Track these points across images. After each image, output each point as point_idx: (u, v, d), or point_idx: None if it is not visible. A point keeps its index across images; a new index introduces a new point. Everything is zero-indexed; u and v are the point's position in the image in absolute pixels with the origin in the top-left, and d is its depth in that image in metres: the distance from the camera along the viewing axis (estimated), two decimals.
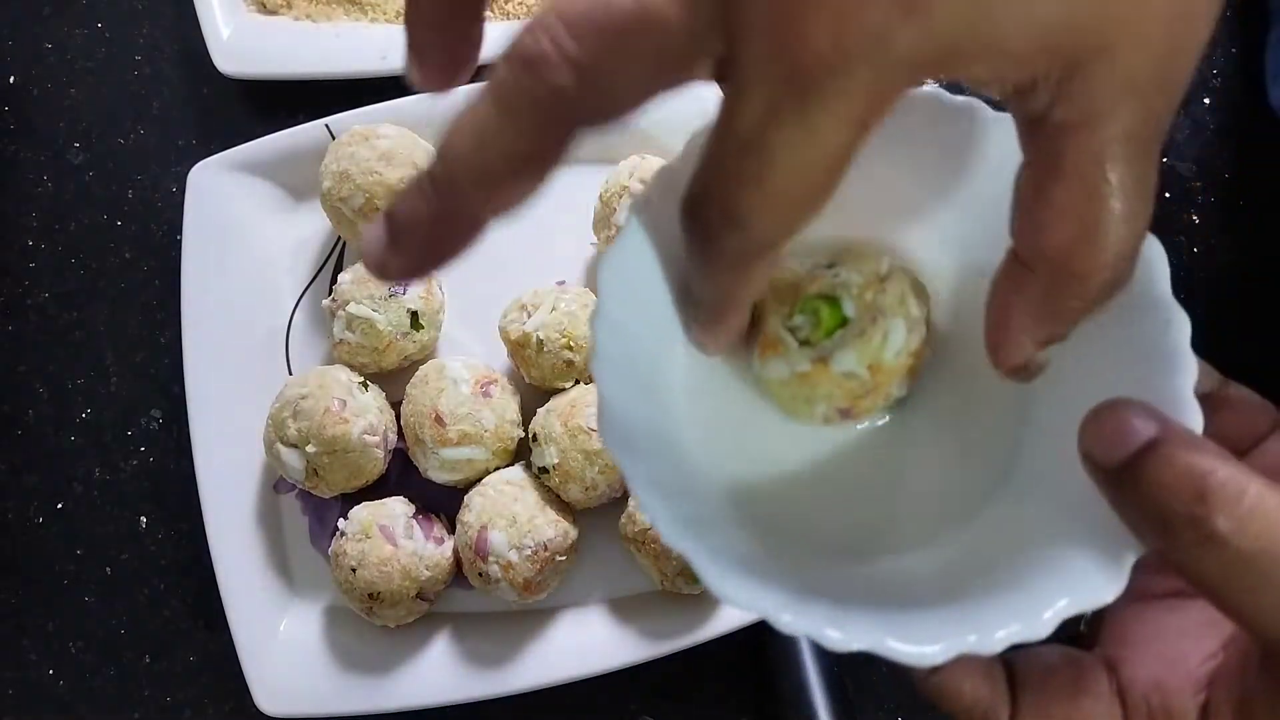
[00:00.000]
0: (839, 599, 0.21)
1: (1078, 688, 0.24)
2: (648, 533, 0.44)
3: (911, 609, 0.22)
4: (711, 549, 0.21)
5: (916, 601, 0.22)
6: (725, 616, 0.46)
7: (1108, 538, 0.21)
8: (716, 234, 0.18)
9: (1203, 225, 0.53)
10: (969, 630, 0.20)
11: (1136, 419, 0.19)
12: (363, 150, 0.48)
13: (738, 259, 0.19)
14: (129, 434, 0.53)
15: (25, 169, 0.57)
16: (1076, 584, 0.21)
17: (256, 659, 0.47)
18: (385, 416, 0.48)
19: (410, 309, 0.48)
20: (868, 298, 0.24)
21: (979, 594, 0.22)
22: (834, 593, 0.22)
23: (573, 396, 0.46)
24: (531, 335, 0.46)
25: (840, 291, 0.25)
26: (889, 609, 0.22)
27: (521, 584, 0.44)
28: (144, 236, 0.55)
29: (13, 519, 0.52)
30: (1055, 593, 0.21)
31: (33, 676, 0.51)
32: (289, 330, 0.52)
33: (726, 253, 0.19)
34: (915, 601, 0.22)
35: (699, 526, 0.22)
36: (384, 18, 0.55)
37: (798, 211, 0.18)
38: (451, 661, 0.47)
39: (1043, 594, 0.21)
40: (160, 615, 0.51)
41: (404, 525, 0.46)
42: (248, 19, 0.55)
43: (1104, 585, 0.20)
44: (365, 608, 0.45)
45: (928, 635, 0.21)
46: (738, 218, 0.18)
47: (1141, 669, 0.24)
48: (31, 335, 0.55)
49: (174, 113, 0.57)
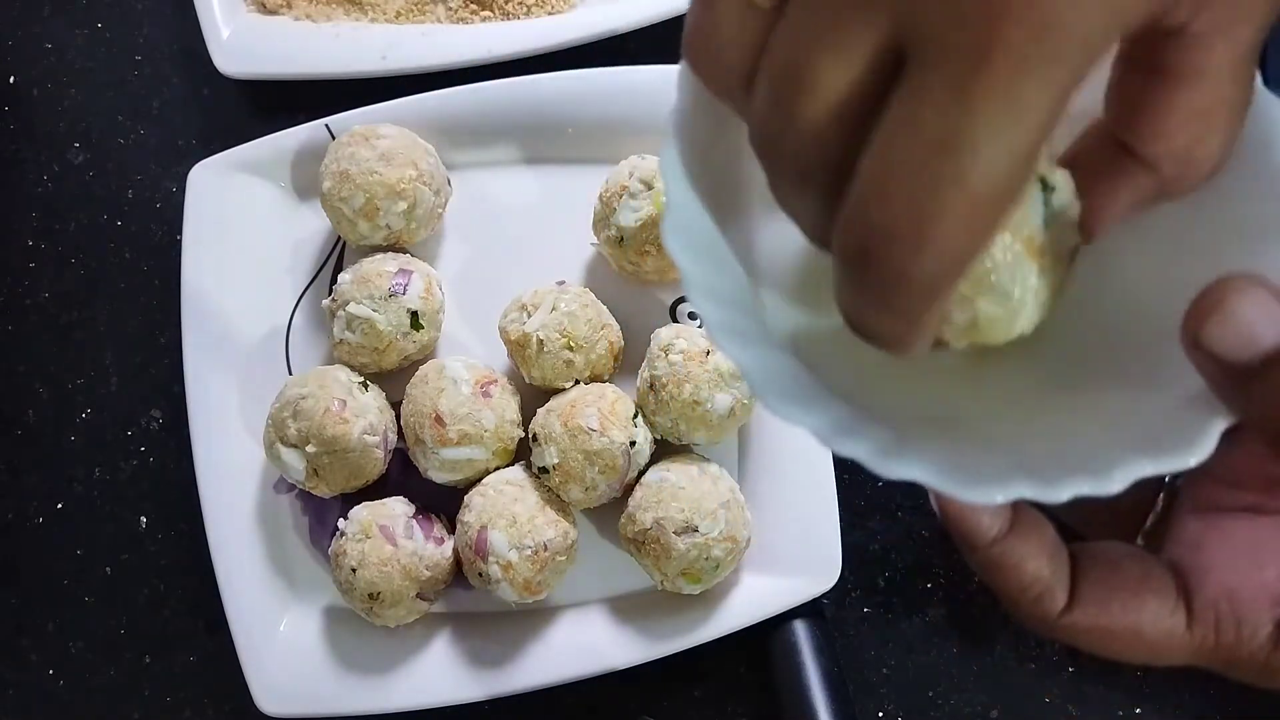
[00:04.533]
0: (898, 430, 0.20)
1: (1142, 585, 0.23)
2: (648, 533, 0.44)
3: (973, 453, 0.21)
4: (763, 363, 0.19)
5: (980, 449, 0.21)
6: (725, 616, 0.46)
7: (1195, 405, 0.20)
8: (903, 264, 0.15)
9: None
10: (1033, 477, 0.19)
11: (1263, 316, 0.19)
12: (363, 150, 0.48)
13: (932, 286, 0.16)
14: (129, 434, 0.53)
15: (25, 169, 0.57)
16: (1157, 446, 0.19)
17: (256, 659, 0.47)
18: (385, 416, 0.48)
19: (410, 309, 0.48)
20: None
21: (1049, 451, 0.20)
22: (893, 422, 0.20)
23: (573, 396, 0.46)
24: (531, 335, 0.46)
25: None
26: (948, 449, 0.20)
27: (521, 584, 0.44)
28: (144, 236, 0.55)
29: (13, 519, 0.52)
30: (1132, 452, 0.19)
31: (33, 676, 0.51)
32: (289, 330, 0.52)
33: (917, 281, 0.16)
34: (979, 449, 0.21)
35: (750, 341, 0.20)
36: (384, 17, 0.55)
37: (999, 214, 0.15)
38: (451, 661, 0.47)
39: (1118, 452, 0.19)
40: (160, 615, 0.51)
41: (404, 525, 0.46)
42: (247, 19, 0.55)
43: (1187, 450, 0.19)
44: (365, 608, 0.45)
45: (987, 476, 0.19)
46: (932, 237, 0.15)
47: (1213, 576, 0.24)
48: (31, 335, 0.55)
49: (174, 113, 0.57)
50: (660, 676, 0.47)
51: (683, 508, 0.44)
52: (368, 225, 0.49)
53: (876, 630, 0.49)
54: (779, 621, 0.46)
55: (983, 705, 0.49)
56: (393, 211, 0.48)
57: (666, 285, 0.52)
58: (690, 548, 0.44)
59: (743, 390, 0.46)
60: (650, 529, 0.44)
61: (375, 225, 0.49)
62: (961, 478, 0.19)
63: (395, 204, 0.48)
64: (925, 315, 0.17)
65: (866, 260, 0.16)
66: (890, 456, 0.19)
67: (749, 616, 0.46)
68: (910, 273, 0.15)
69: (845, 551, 0.46)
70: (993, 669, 0.49)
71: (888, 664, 0.49)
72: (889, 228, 0.15)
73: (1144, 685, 0.49)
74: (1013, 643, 0.49)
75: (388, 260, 0.49)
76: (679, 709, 0.49)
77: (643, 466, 0.47)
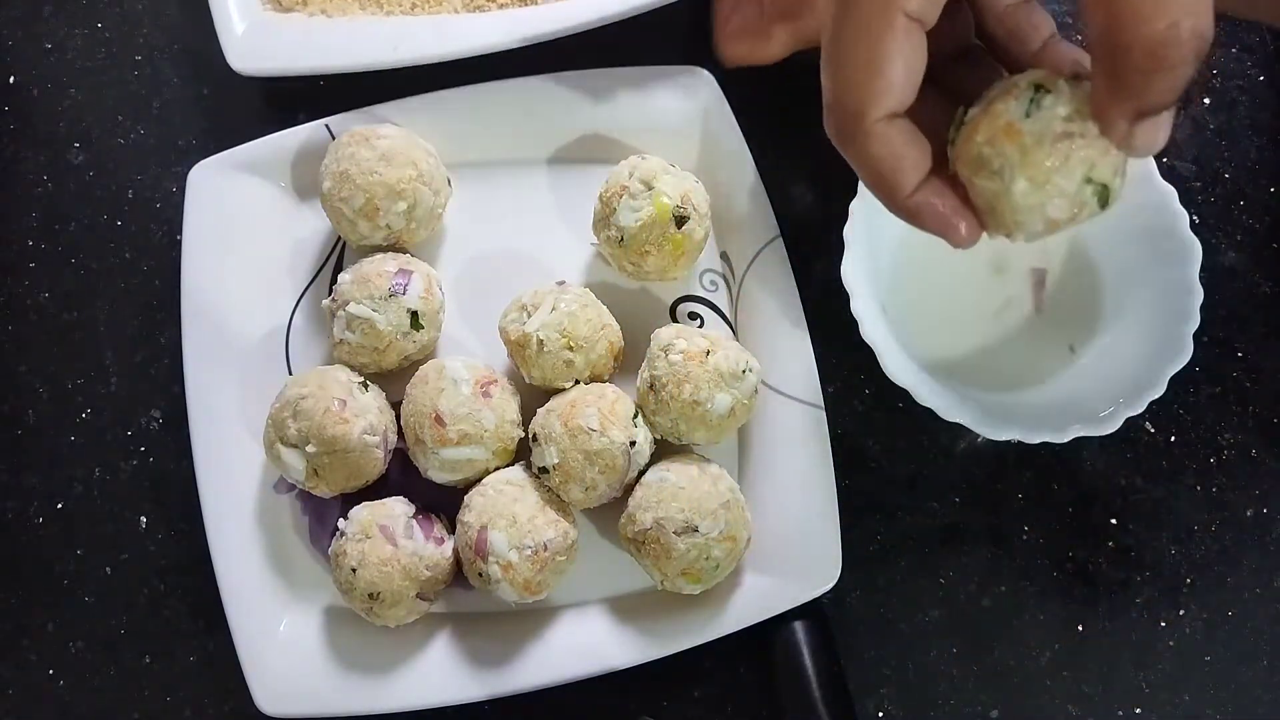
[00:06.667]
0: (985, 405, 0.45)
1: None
2: (648, 533, 0.44)
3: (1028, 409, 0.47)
4: (914, 381, 0.44)
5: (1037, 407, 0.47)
6: (725, 616, 0.46)
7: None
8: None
9: (1203, 225, 0.53)
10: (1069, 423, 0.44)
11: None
12: (363, 151, 0.48)
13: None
14: (129, 434, 0.53)
15: (25, 169, 0.57)
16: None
17: (256, 659, 0.47)
18: (385, 416, 0.48)
19: (410, 309, 0.48)
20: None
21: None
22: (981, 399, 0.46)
23: (573, 396, 0.46)
24: (531, 335, 0.46)
25: (1046, 81, 0.29)
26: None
27: (521, 584, 0.44)
28: (144, 236, 0.55)
29: (13, 519, 0.52)
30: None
31: (33, 676, 0.51)
32: (289, 330, 0.52)
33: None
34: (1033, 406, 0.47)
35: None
36: (399, 9, 0.55)
37: None
38: (451, 661, 0.47)
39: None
40: (160, 615, 0.51)
41: (404, 525, 0.46)
42: (262, 16, 0.55)
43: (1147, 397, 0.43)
44: (365, 608, 0.45)
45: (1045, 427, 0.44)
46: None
47: None
48: (31, 335, 0.55)
49: (174, 113, 0.57)
50: (660, 676, 0.47)
51: (683, 508, 0.44)
52: (368, 225, 0.49)
53: (876, 630, 0.49)
54: (779, 621, 0.46)
55: (983, 705, 0.49)
56: (393, 211, 0.48)
57: (666, 285, 0.52)
58: (690, 548, 0.44)
59: (742, 390, 0.46)
60: (650, 529, 0.44)
61: (375, 225, 0.49)
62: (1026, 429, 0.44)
63: (395, 204, 0.48)
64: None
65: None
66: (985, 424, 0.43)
67: (749, 616, 0.46)
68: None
69: (845, 551, 0.46)
70: (993, 669, 0.49)
71: (888, 664, 0.49)
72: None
73: (1144, 685, 0.49)
74: (1013, 643, 0.49)
75: (388, 260, 0.49)
76: (679, 709, 0.49)
77: (643, 466, 0.47)
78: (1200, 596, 0.50)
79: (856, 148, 0.29)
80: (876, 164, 0.29)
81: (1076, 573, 0.50)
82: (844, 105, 0.29)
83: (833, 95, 0.29)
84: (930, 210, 0.30)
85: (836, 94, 0.29)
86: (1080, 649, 0.49)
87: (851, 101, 0.29)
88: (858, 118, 0.29)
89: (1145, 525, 0.50)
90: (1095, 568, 0.50)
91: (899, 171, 0.29)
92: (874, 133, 0.29)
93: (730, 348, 0.46)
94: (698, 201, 0.48)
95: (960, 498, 0.50)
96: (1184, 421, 0.51)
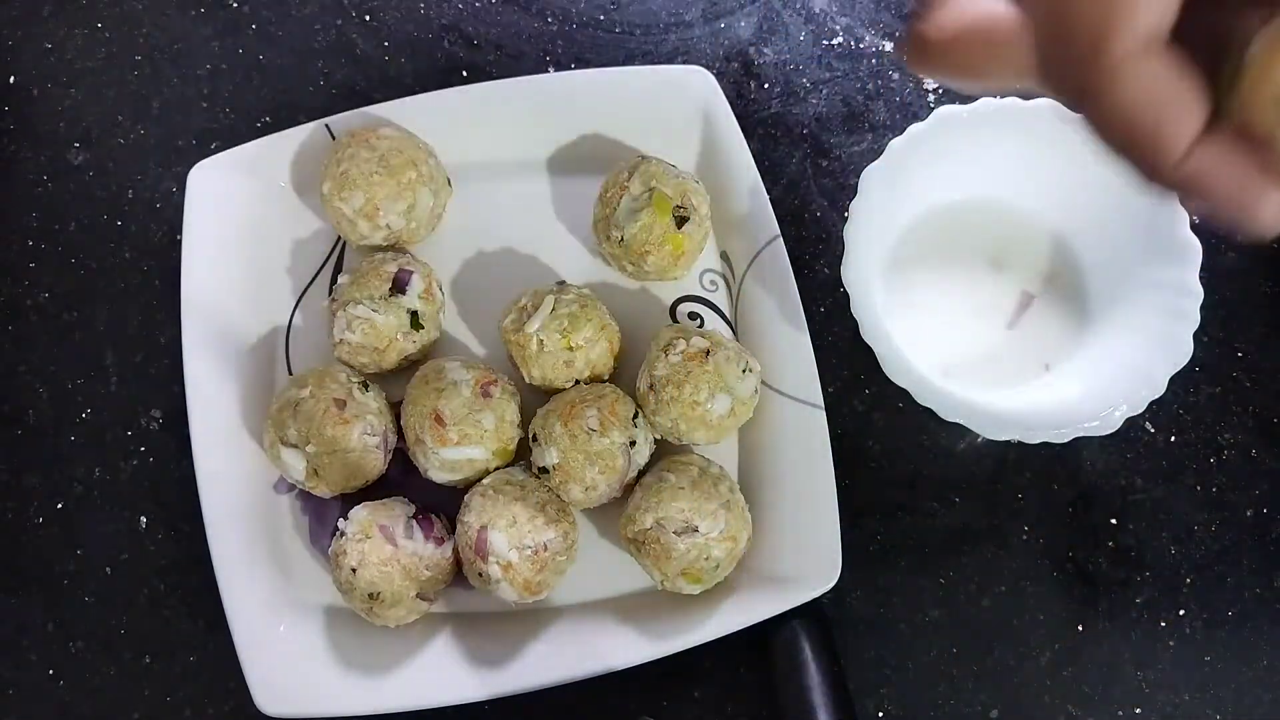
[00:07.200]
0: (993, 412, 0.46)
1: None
2: (648, 533, 0.44)
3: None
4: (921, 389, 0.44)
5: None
6: (725, 616, 0.46)
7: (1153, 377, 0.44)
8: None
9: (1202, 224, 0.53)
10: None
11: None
12: (363, 151, 0.48)
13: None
14: (129, 434, 0.53)
15: (25, 169, 0.57)
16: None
17: (256, 659, 0.46)
18: (385, 416, 0.48)
19: (410, 309, 0.48)
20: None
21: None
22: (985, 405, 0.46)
23: (573, 396, 0.46)
24: (531, 335, 0.46)
25: None
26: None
27: (521, 584, 0.44)
28: (144, 236, 0.55)
29: (13, 519, 0.52)
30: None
31: (33, 676, 0.51)
32: (289, 330, 0.52)
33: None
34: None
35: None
36: None
37: None
38: (451, 661, 0.47)
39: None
40: (160, 615, 0.51)
41: (404, 525, 0.46)
42: None
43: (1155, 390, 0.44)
44: (365, 608, 0.45)
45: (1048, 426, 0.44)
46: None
47: None
48: (31, 335, 0.55)
49: (174, 113, 0.57)
50: (660, 676, 0.47)
51: (683, 508, 0.44)
52: (368, 225, 0.49)
53: (876, 630, 0.49)
54: (779, 621, 0.46)
55: (983, 705, 0.49)
56: (393, 211, 0.48)
57: (666, 285, 0.52)
58: (690, 548, 0.44)
59: (742, 390, 0.46)
60: (650, 529, 0.44)
61: (375, 225, 0.49)
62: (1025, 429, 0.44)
63: (395, 204, 0.48)
64: None
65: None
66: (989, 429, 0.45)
67: (749, 616, 0.46)
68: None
69: (845, 551, 0.46)
70: (993, 669, 0.49)
71: (888, 664, 0.49)
72: None
73: (1143, 685, 0.49)
74: (1013, 643, 0.49)
75: (388, 260, 0.49)
76: (679, 709, 0.49)
77: (643, 466, 0.47)
78: (1200, 596, 0.50)
79: (1098, 94, 0.20)
80: (1130, 114, 0.20)
81: (1076, 573, 0.50)
82: (1074, 33, 0.20)
83: (1055, 19, 0.20)
84: (1216, 178, 0.20)
85: (1061, 16, 0.20)
86: (1080, 649, 0.49)
87: (1088, 24, 0.19)
88: (1097, 48, 0.20)
89: (1145, 525, 0.50)
90: (1095, 568, 0.50)
91: (1165, 123, 0.20)
92: (1124, 70, 0.20)
93: (730, 348, 0.46)
94: (698, 201, 0.48)
95: (960, 498, 0.50)
96: (1184, 421, 0.51)
